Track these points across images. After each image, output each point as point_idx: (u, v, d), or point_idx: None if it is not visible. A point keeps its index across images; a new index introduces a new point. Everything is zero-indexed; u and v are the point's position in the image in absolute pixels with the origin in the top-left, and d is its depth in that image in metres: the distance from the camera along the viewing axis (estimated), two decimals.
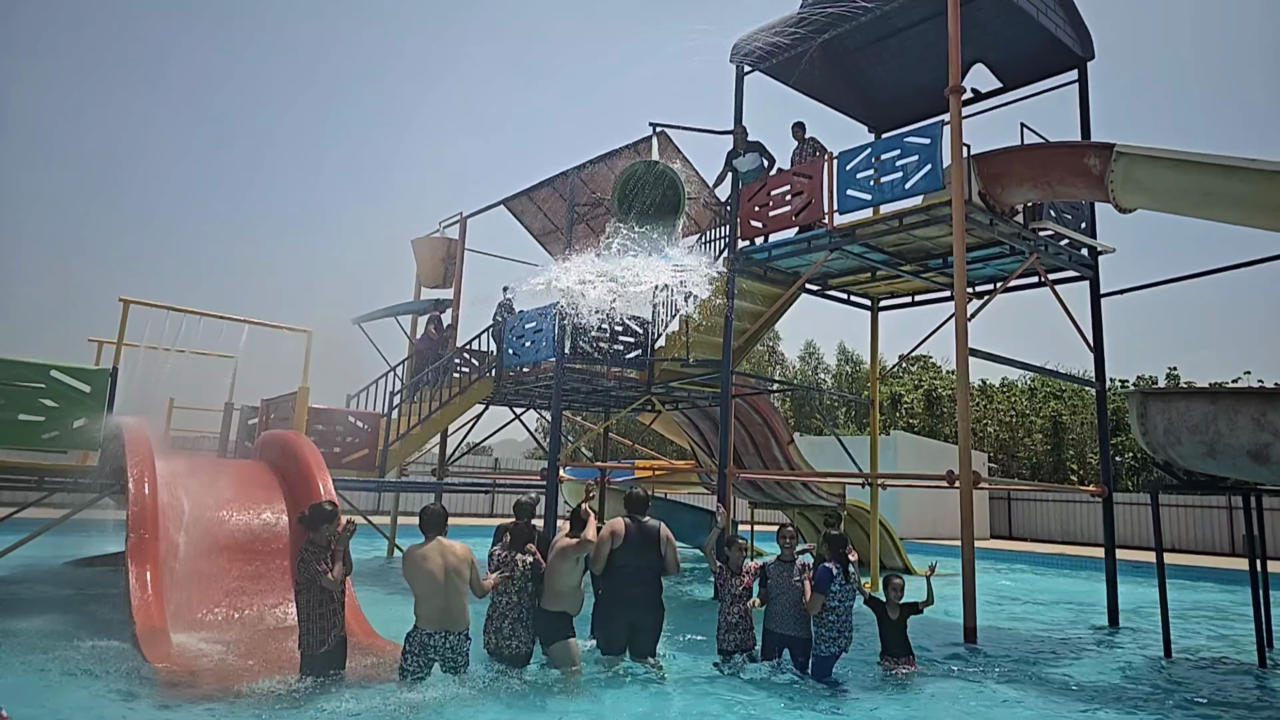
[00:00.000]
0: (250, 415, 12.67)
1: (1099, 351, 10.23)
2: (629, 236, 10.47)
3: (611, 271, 10.02)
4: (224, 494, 8.35)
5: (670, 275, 10.16)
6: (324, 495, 8.26)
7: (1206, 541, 20.81)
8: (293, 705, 5.05)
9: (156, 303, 9.76)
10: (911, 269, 10.68)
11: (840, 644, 6.17)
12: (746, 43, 10.98)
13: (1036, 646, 8.30)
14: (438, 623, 5.48)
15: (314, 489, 8.43)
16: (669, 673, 6.08)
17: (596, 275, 10.02)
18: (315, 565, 5.37)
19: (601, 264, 10.26)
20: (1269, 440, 6.25)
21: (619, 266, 10.06)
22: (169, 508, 7.48)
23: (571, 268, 10.48)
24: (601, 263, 10.28)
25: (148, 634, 6.05)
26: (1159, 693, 6.37)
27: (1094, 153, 8.17)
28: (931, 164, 8.56)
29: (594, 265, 10.34)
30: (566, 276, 10.28)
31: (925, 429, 29.95)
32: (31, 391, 8.58)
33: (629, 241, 10.45)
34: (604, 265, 10.19)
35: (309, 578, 5.40)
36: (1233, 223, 7.55)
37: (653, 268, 10.12)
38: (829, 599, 6.07)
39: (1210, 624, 10.30)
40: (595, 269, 10.23)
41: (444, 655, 5.49)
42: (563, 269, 10.58)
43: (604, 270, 10.03)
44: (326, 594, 5.47)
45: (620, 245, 10.39)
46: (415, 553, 5.57)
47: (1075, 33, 10.41)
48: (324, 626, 5.44)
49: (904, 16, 10.45)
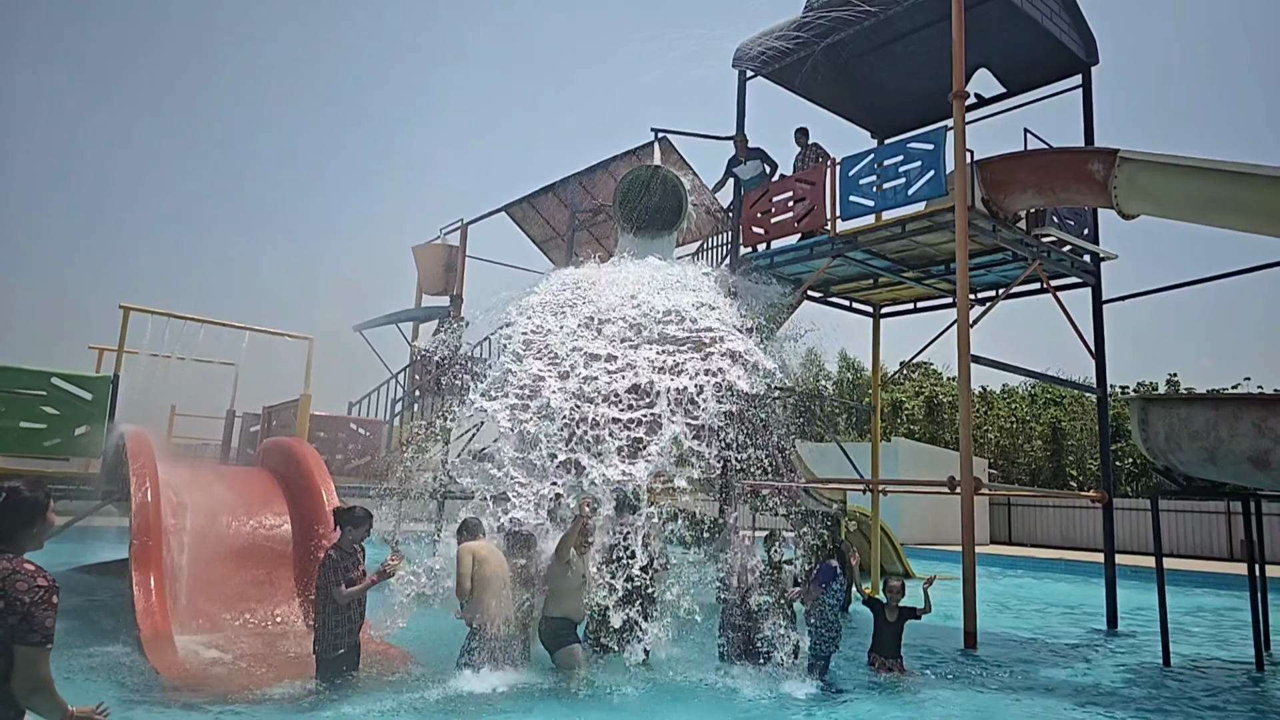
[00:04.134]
0: (252, 422, 12.68)
1: (1100, 358, 10.23)
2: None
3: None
4: (227, 501, 8.35)
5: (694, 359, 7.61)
6: (327, 502, 8.28)
7: (1205, 547, 20.80)
8: (300, 709, 5.05)
9: (157, 310, 9.76)
10: (914, 275, 10.68)
11: (836, 643, 6.34)
12: (749, 47, 10.98)
13: (1036, 651, 8.31)
14: (501, 620, 5.81)
15: (317, 496, 8.43)
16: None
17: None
18: (332, 574, 5.44)
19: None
20: (1269, 446, 6.28)
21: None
22: (172, 514, 7.49)
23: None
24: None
25: (153, 639, 6.06)
26: (1157, 697, 6.39)
27: (1098, 159, 8.15)
28: (934, 170, 8.57)
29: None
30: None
31: (926, 436, 29.94)
32: (33, 399, 8.58)
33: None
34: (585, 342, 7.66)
35: (326, 585, 5.48)
36: (1237, 229, 7.53)
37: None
38: (828, 596, 6.19)
39: (1209, 629, 10.29)
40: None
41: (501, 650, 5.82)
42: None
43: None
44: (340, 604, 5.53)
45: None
46: (479, 554, 5.89)
47: (1080, 37, 10.40)
48: (339, 632, 5.50)
49: (908, 21, 10.42)
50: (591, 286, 9.00)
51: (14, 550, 2.60)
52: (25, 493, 2.65)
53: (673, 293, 8.72)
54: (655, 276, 9.24)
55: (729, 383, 7.55)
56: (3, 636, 2.43)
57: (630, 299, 8.62)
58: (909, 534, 20.86)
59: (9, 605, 2.44)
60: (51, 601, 2.52)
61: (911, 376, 34.38)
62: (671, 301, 8.46)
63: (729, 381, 7.55)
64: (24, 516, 2.63)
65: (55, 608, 2.53)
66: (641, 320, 8.25)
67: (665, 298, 8.57)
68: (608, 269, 9.76)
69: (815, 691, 5.88)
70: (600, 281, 9.15)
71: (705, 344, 7.91)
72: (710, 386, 7.48)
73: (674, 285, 9.01)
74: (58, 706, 2.54)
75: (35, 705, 2.52)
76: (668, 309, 8.34)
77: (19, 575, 2.49)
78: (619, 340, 8.05)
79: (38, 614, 2.47)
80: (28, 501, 2.65)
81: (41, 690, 2.50)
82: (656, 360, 7.77)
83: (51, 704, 2.53)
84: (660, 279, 9.19)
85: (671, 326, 8.18)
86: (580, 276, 9.36)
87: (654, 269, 9.54)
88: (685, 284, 9.05)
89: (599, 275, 9.42)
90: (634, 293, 8.74)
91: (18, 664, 2.46)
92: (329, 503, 8.29)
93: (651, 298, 8.55)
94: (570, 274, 9.53)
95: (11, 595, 2.45)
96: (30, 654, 2.46)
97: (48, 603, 2.50)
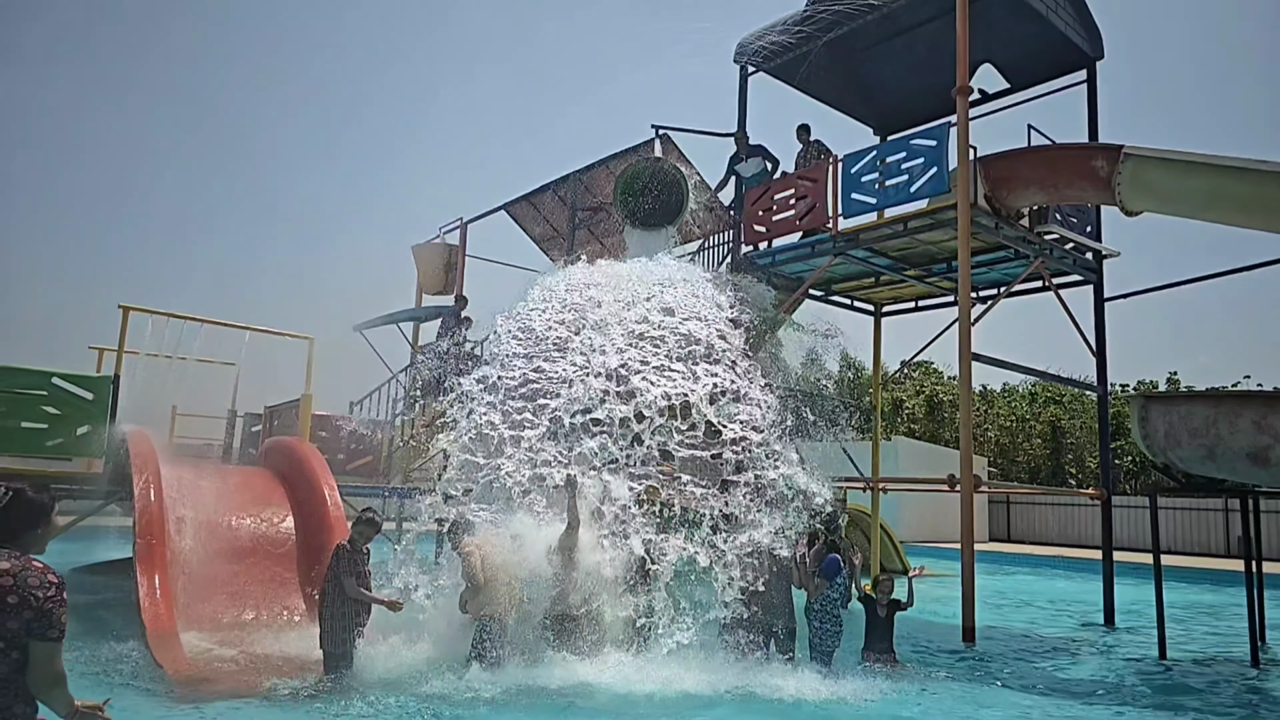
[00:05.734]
0: (253, 422, 12.68)
1: (1101, 356, 10.24)
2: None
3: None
4: (230, 500, 8.37)
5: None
6: (329, 502, 8.31)
7: (1203, 544, 20.85)
8: (306, 705, 5.07)
9: (156, 309, 9.73)
10: (915, 274, 10.67)
11: (840, 638, 6.41)
12: (751, 42, 10.93)
13: (1033, 646, 8.36)
14: (512, 610, 6.01)
15: (319, 495, 8.45)
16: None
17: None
18: (346, 564, 5.66)
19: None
20: (1269, 443, 6.31)
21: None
22: (175, 513, 7.50)
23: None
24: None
25: (158, 637, 6.09)
26: (1152, 690, 6.44)
27: (1101, 155, 8.13)
28: (937, 166, 8.54)
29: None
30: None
31: (926, 434, 29.98)
32: (34, 399, 8.56)
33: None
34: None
35: (336, 576, 5.61)
36: (1241, 226, 7.52)
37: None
38: (832, 589, 6.24)
39: (1205, 624, 10.34)
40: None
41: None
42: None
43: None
44: (348, 598, 5.62)
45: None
46: (483, 548, 6.05)
47: (1085, 31, 10.35)
48: (344, 625, 5.58)
49: (911, 15, 10.35)
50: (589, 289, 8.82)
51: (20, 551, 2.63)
52: (31, 495, 2.68)
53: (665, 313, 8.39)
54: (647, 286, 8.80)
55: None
56: (18, 632, 2.47)
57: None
58: (909, 532, 20.90)
59: (23, 601, 2.47)
60: (63, 598, 2.56)
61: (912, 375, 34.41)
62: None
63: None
64: (30, 518, 2.66)
65: (66, 603, 2.58)
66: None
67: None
68: (603, 269, 9.39)
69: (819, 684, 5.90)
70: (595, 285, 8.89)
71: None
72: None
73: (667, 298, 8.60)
74: (68, 701, 2.59)
75: (51, 699, 2.56)
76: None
77: (30, 572, 2.53)
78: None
79: (54, 610, 2.51)
80: (33, 503, 2.67)
81: (59, 684, 2.55)
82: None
83: (65, 698, 2.58)
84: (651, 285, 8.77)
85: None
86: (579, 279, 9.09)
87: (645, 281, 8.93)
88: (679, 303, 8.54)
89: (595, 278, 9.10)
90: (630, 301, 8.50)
91: (35, 659, 2.50)
92: (331, 502, 8.32)
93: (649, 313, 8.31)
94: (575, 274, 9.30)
95: (26, 591, 2.48)
96: (47, 649, 2.50)
97: (60, 599, 2.54)
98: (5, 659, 2.45)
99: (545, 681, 5.67)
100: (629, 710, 5.26)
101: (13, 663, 2.47)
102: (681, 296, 8.56)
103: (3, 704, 2.46)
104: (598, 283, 8.90)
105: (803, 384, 10.16)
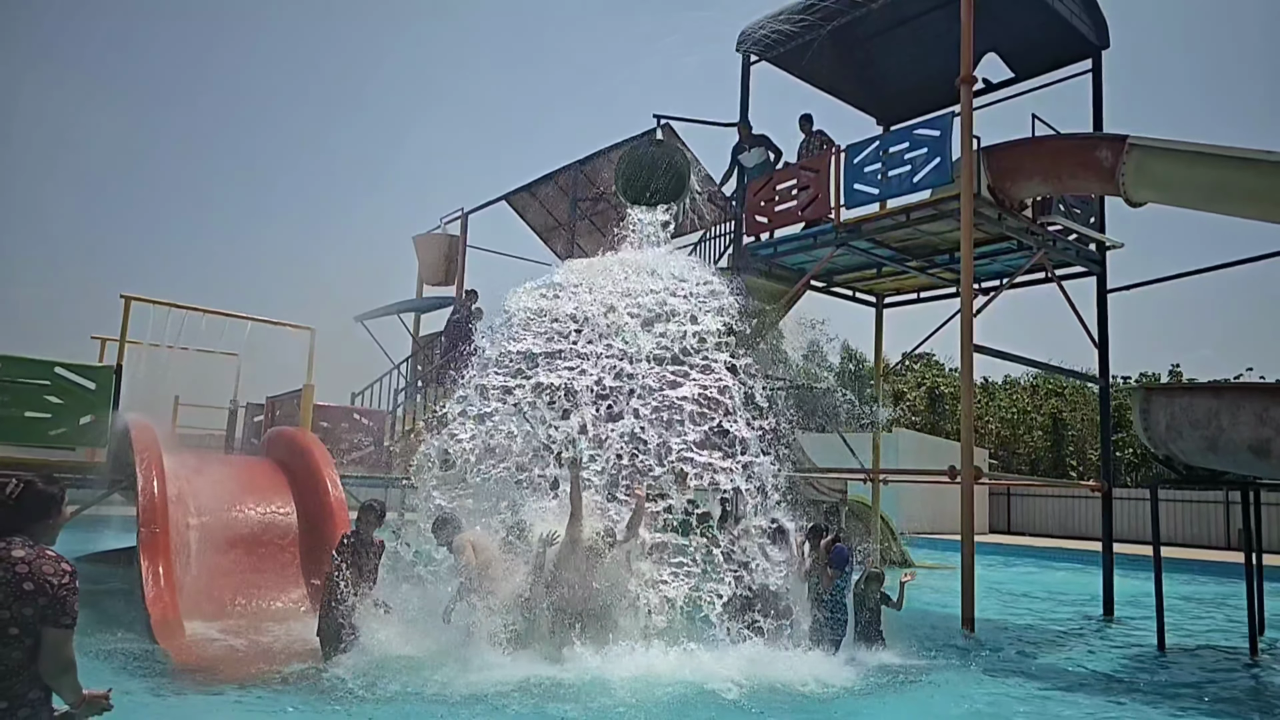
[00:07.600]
0: (255, 413, 12.69)
1: (1104, 348, 10.22)
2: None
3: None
4: (232, 490, 8.41)
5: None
6: (331, 492, 8.35)
7: (1203, 536, 20.88)
8: (308, 692, 5.10)
9: (158, 300, 9.74)
10: (918, 265, 10.64)
11: (846, 626, 6.50)
12: (754, 30, 10.84)
13: (1033, 637, 8.40)
14: (510, 597, 6.07)
15: (321, 486, 8.49)
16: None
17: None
18: (348, 556, 5.81)
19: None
20: (1270, 435, 6.32)
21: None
22: (178, 503, 7.54)
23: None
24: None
25: (162, 625, 6.15)
26: (1151, 681, 6.46)
27: (1106, 145, 8.08)
28: (940, 157, 8.49)
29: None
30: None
31: (927, 426, 30.00)
32: (36, 389, 8.57)
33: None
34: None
35: (334, 570, 5.70)
36: (1246, 217, 7.49)
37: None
38: (840, 579, 6.31)
39: (1204, 616, 10.37)
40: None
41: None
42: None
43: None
44: (347, 590, 5.70)
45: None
46: (476, 542, 6.15)
47: (1091, 20, 10.26)
48: (342, 611, 5.66)
49: (915, 4, 10.25)
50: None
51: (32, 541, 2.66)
52: (42, 486, 2.73)
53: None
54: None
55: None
56: (32, 619, 2.51)
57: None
58: (909, 523, 20.95)
59: (38, 588, 2.52)
60: (76, 586, 2.62)
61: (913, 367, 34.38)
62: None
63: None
64: (41, 509, 2.72)
65: (78, 592, 2.63)
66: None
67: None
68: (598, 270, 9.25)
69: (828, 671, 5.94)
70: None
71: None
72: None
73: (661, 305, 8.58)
74: (77, 688, 2.63)
75: (62, 685, 2.61)
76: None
77: (44, 560, 2.59)
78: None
79: (67, 597, 2.56)
80: (44, 495, 2.73)
81: (69, 671, 2.60)
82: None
83: (74, 685, 2.63)
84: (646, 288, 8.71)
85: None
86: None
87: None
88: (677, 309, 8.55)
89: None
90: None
91: (47, 646, 2.54)
92: (334, 492, 8.36)
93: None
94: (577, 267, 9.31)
95: (41, 579, 2.53)
96: (60, 636, 2.55)
97: (73, 587, 2.60)
98: (20, 645, 2.50)
99: (556, 673, 5.65)
100: (646, 697, 5.26)
101: (27, 649, 2.51)
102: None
103: (17, 690, 2.51)
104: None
105: (801, 378, 10.11)
